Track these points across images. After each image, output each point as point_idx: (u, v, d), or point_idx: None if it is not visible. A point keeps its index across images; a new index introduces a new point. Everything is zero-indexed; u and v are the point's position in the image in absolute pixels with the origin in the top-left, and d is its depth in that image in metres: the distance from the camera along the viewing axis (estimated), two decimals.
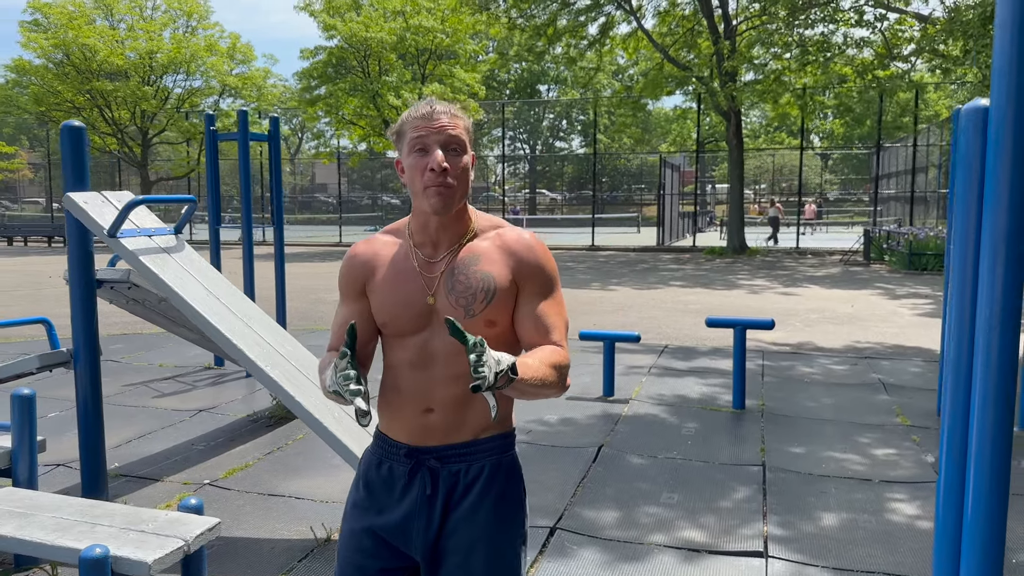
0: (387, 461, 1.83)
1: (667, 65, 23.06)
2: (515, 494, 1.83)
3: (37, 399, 6.09)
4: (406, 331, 1.76)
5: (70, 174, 3.88)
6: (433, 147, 1.68)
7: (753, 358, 7.88)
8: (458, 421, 1.76)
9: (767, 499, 4.23)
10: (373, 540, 1.81)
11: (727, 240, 23.63)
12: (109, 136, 27.16)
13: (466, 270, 1.73)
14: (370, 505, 1.83)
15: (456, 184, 1.70)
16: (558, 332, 1.76)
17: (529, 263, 1.76)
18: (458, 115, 1.74)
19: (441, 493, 1.78)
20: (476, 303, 1.71)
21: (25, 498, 3.22)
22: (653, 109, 58.57)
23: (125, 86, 25.26)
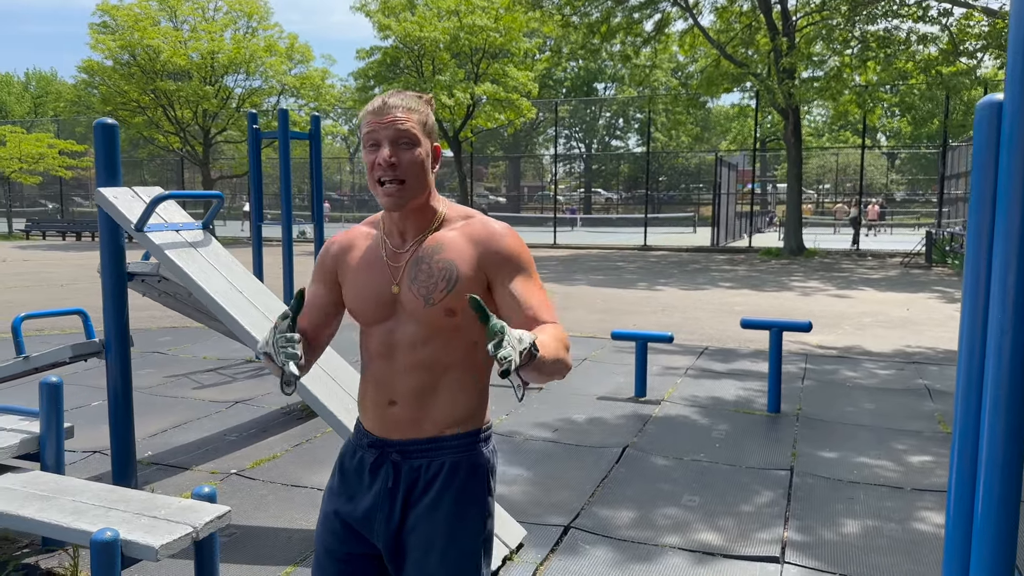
0: (360, 451, 1.86)
1: (724, 62, 22.71)
2: (476, 494, 1.80)
3: (82, 388, 6.33)
4: (372, 320, 1.78)
5: (102, 170, 4.00)
6: (383, 142, 1.69)
7: (796, 361, 7.71)
8: (420, 415, 1.76)
9: (791, 504, 4.14)
10: (342, 524, 1.84)
11: (784, 241, 23.17)
12: (172, 135, 27.97)
13: (429, 259, 1.73)
14: (342, 491, 1.86)
15: (408, 180, 1.70)
16: (547, 311, 1.71)
17: (495, 251, 1.74)
18: (412, 108, 1.73)
19: (402, 488, 1.78)
20: (436, 292, 1.70)
21: (50, 482, 3.34)
22: (713, 107, 57.87)
23: (188, 86, 25.97)
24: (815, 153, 53.68)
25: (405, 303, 1.74)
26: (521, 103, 23.55)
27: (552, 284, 14.98)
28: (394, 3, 23.54)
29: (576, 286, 14.68)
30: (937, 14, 17.53)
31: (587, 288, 14.35)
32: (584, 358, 7.80)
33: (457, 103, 22.58)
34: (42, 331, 8.93)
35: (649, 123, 31.78)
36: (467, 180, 26.38)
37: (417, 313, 1.73)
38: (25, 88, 57.18)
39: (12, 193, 38.32)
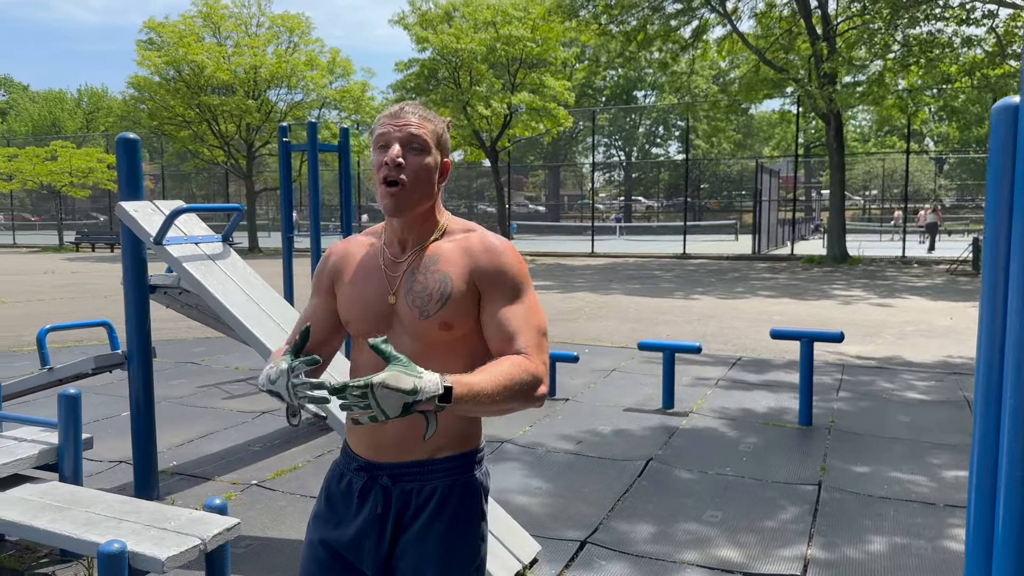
0: (347, 474, 1.79)
1: (763, 68, 22.44)
2: (469, 519, 1.75)
3: (114, 399, 6.43)
4: (366, 331, 1.72)
5: (124, 184, 4.07)
6: (393, 142, 1.67)
7: (831, 372, 7.54)
8: (412, 437, 1.70)
9: (817, 520, 4.02)
10: (328, 553, 1.77)
11: (827, 248, 22.75)
12: (217, 148, 28.51)
13: (426, 271, 1.70)
14: (329, 517, 1.80)
15: (410, 184, 1.67)
16: (524, 338, 1.65)
17: (488, 267, 1.69)
18: (428, 118, 1.72)
19: (392, 512, 1.73)
20: (431, 304, 1.66)
21: (66, 493, 3.38)
22: (755, 112, 57.22)
23: (231, 100, 26.47)
24: (861, 159, 52.70)
25: (401, 315, 1.70)
26: (558, 112, 23.51)
27: (585, 293, 14.90)
28: (431, 16, 23.72)
29: (610, 295, 14.57)
30: (982, 16, 17.09)
31: (621, 297, 14.23)
32: (612, 369, 7.72)
33: (494, 113, 22.64)
34: (82, 341, 9.13)
35: (688, 130, 31.45)
36: (504, 189, 26.40)
37: (413, 326, 1.68)
38: (78, 104, 58.87)
39: (64, 206, 39.42)
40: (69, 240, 34.42)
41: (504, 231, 25.82)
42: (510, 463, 4.92)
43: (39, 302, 13.71)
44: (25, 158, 33.14)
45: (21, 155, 33.74)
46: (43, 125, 54.97)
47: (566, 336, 9.78)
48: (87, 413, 5.97)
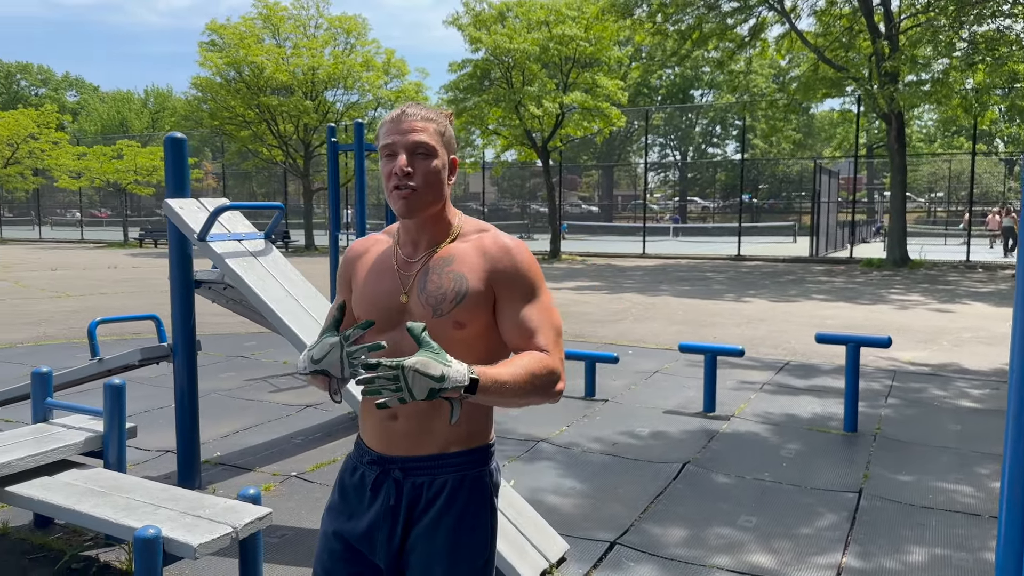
0: (360, 467, 1.83)
1: (822, 66, 21.97)
2: (478, 514, 1.77)
3: (167, 390, 6.62)
4: (378, 328, 1.76)
5: (171, 181, 4.19)
6: (399, 152, 1.69)
7: (881, 378, 7.36)
8: (423, 431, 1.73)
9: (854, 528, 3.94)
10: (342, 545, 1.81)
11: (887, 251, 22.19)
12: (275, 148, 29.10)
13: (440, 270, 1.72)
14: (343, 510, 1.83)
15: (421, 188, 1.70)
16: (544, 336, 1.71)
17: (505, 267, 1.73)
18: (430, 118, 1.73)
19: (404, 505, 1.76)
20: (445, 303, 1.70)
21: (109, 479, 3.50)
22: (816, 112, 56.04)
23: (289, 101, 26.99)
24: (926, 160, 51.23)
25: (414, 313, 1.73)
26: (610, 111, 23.38)
27: (633, 294, 14.80)
28: (485, 16, 23.81)
29: (659, 296, 14.45)
30: None
31: (670, 298, 14.10)
32: (655, 371, 7.66)
33: (546, 113, 22.62)
34: (139, 334, 9.43)
35: (744, 129, 30.97)
36: (555, 189, 26.37)
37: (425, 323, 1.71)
38: (144, 104, 60.72)
39: (129, 203, 40.68)
40: (133, 236, 35.54)
41: (555, 231, 25.80)
42: (545, 462, 4.93)
43: (101, 296, 14.19)
44: (93, 156, 34.34)
45: (90, 154, 34.96)
46: (112, 125, 56.83)
47: (611, 337, 9.74)
48: (139, 404, 6.19)
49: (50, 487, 3.38)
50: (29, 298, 13.72)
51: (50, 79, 73.46)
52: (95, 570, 3.40)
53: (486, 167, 30.95)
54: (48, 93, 70.25)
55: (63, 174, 36.20)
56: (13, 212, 59.78)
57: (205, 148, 53.18)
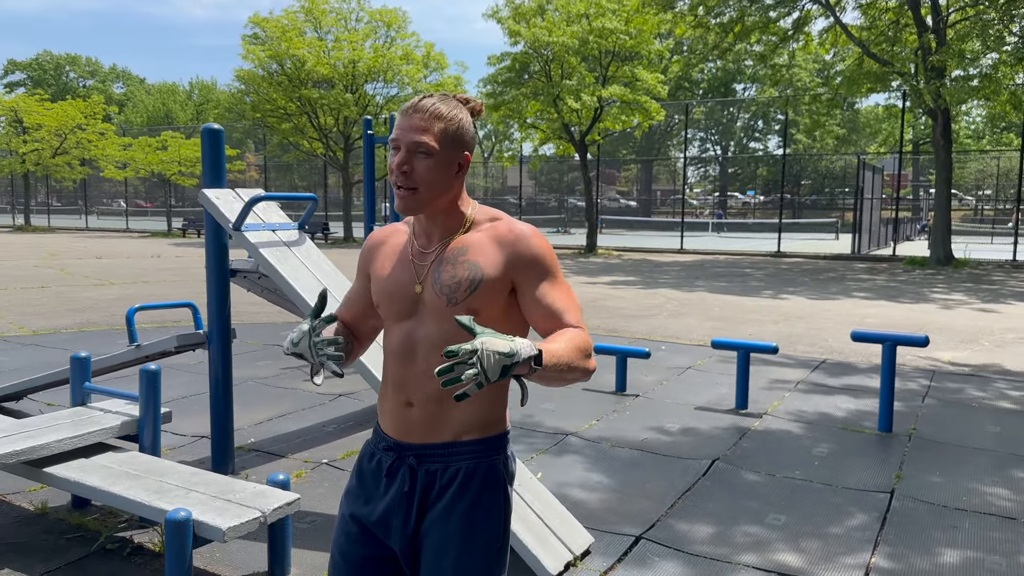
0: (378, 453, 1.87)
1: (867, 61, 21.56)
2: (491, 502, 1.79)
3: (200, 377, 6.75)
4: (393, 316, 1.81)
5: (208, 172, 4.27)
6: (402, 147, 1.71)
7: (919, 378, 7.23)
8: (437, 419, 1.76)
9: (884, 529, 3.88)
10: (359, 528, 1.85)
11: (931, 250, 21.73)
12: (316, 140, 29.39)
13: (454, 260, 1.75)
14: (360, 494, 1.87)
15: (421, 187, 1.71)
16: (571, 314, 1.74)
17: (522, 253, 1.75)
18: (440, 117, 1.72)
19: (418, 492, 1.79)
20: (459, 291, 1.72)
21: (144, 463, 3.59)
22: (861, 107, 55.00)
23: (330, 94, 27.24)
24: (973, 156, 50.03)
25: (428, 302, 1.75)
26: (650, 105, 23.20)
27: (669, 290, 14.70)
28: (524, 9, 23.75)
29: (695, 292, 14.34)
30: None
31: (706, 295, 13.98)
32: (688, 367, 7.61)
33: (584, 106, 22.52)
34: (179, 322, 9.61)
35: (786, 124, 30.53)
36: (592, 184, 26.26)
37: (439, 313, 1.74)
38: (189, 96, 61.74)
39: (173, 194, 41.43)
40: (176, 226, 36.19)
41: (591, 225, 25.70)
42: (573, 456, 4.94)
43: (144, 284, 14.50)
44: (138, 147, 35.01)
45: (135, 145, 35.66)
46: (157, 116, 57.90)
47: (644, 332, 9.69)
48: (176, 390, 6.32)
49: (87, 469, 3.47)
50: (74, 285, 14.06)
51: (98, 71, 75.07)
52: (129, 551, 3.48)
53: (524, 161, 30.94)
54: (95, 85, 71.81)
55: (109, 164, 37.00)
56: (61, 201, 61.29)
57: (248, 140, 53.97)
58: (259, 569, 3.36)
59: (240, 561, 3.43)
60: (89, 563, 3.38)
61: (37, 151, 37.33)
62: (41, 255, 21.51)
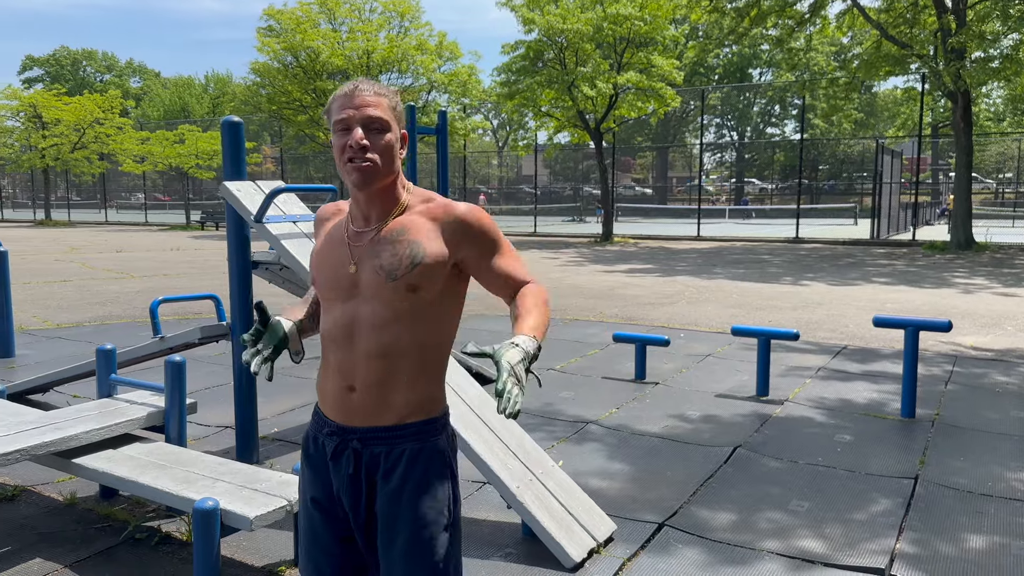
0: (320, 436, 1.89)
1: (885, 43, 21.31)
2: (438, 480, 1.84)
3: (224, 368, 6.81)
4: (329, 296, 1.83)
5: (228, 164, 4.29)
6: (354, 126, 1.73)
7: (942, 363, 7.18)
8: (380, 402, 1.79)
9: (909, 514, 3.87)
10: (319, 510, 1.89)
11: (951, 234, 21.51)
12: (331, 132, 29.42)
13: (393, 240, 1.78)
14: (312, 478, 1.91)
15: (378, 161, 1.74)
16: (524, 270, 1.90)
17: (465, 229, 1.80)
18: (382, 93, 1.77)
19: (363, 474, 1.83)
20: (400, 268, 1.75)
21: (170, 453, 3.63)
22: (879, 91, 54.38)
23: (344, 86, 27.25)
24: (994, 139, 49.41)
25: (365, 283, 1.78)
26: (665, 92, 23.06)
27: (687, 277, 14.65)
28: None
29: (713, 279, 14.28)
30: None
31: (724, 282, 13.92)
32: (707, 354, 7.59)
33: (599, 94, 22.41)
34: (200, 314, 9.69)
35: (803, 109, 30.25)
36: (608, 172, 26.15)
37: (379, 291, 1.76)
38: (205, 90, 61.96)
39: (191, 187, 41.65)
40: (195, 219, 36.42)
41: (608, 213, 25.62)
42: (593, 444, 4.95)
43: (164, 277, 14.61)
44: (156, 141, 35.21)
45: (152, 138, 35.87)
46: (174, 110, 58.17)
47: (663, 320, 9.67)
48: (199, 381, 6.38)
49: (114, 459, 3.52)
50: (96, 279, 14.19)
51: (114, 65, 75.50)
52: (157, 540, 3.53)
53: (538, 149, 30.86)
54: (112, 79, 72.25)
55: (127, 158, 37.23)
56: (81, 196, 61.82)
57: (264, 133, 54.10)
58: (285, 557, 3.39)
59: (267, 549, 3.47)
60: (118, 552, 3.43)
61: (56, 146, 37.65)
62: (62, 249, 21.72)
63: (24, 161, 39.60)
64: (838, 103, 25.71)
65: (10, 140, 42.45)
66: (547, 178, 59.13)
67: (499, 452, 3.53)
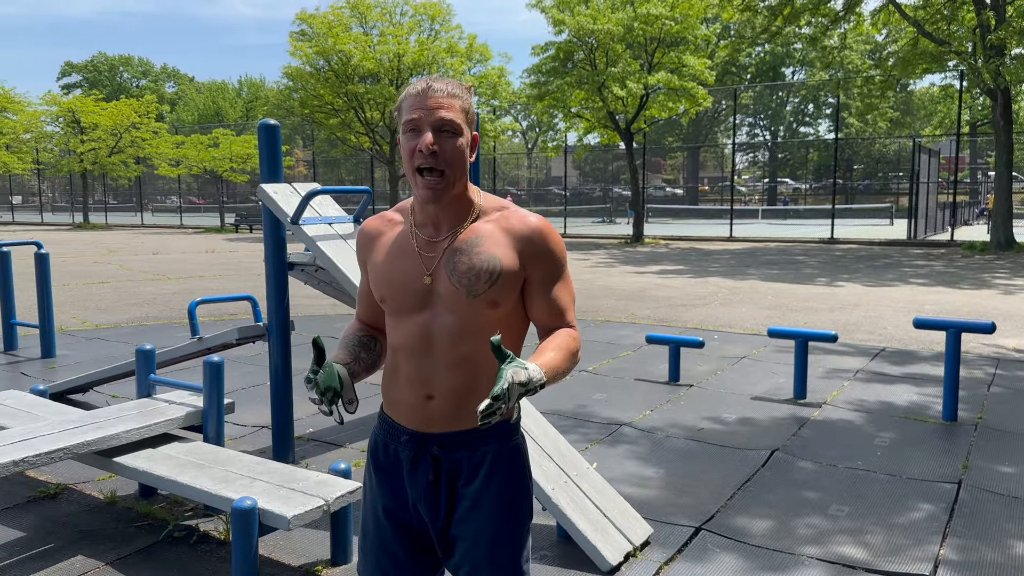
0: (392, 443, 1.83)
1: (922, 40, 20.96)
2: (519, 482, 1.81)
3: (260, 369, 6.87)
4: (403, 310, 1.76)
5: (265, 167, 4.32)
6: (425, 128, 1.64)
7: (984, 366, 7.03)
8: (459, 408, 1.74)
9: (953, 520, 3.79)
10: (390, 520, 1.84)
11: (991, 234, 21.09)
12: (363, 135, 29.65)
13: (469, 251, 1.71)
14: (382, 487, 1.85)
15: (447, 168, 1.66)
16: (569, 312, 1.80)
17: (537, 247, 1.73)
18: (456, 94, 1.68)
19: (444, 480, 1.78)
20: (479, 283, 1.69)
21: (209, 452, 3.67)
22: (915, 89, 53.52)
23: (375, 89, 27.43)
24: None
25: (443, 294, 1.71)
26: (697, 91, 22.89)
27: (720, 278, 14.51)
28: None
29: (746, 280, 14.13)
30: None
31: (758, 283, 13.77)
32: (742, 356, 7.51)
33: (630, 94, 22.31)
34: (236, 316, 9.79)
35: (838, 108, 29.86)
36: (638, 173, 26.02)
37: (457, 306, 1.70)
38: (238, 94, 62.69)
39: (225, 190, 42.19)
40: (229, 222, 36.86)
41: (639, 214, 25.49)
42: (627, 446, 4.91)
43: (199, 279, 14.80)
44: (190, 145, 35.70)
45: (187, 142, 36.37)
46: (208, 114, 58.93)
47: (696, 322, 9.59)
48: (237, 381, 6.44)
49: (153, 459, 3.56)
50: (133, 281, 14.42)
51: (150, 71, 76.72)
52: (195, 539, 3.56)
53: (568, 150, 30.80)
54: (148, 84, 73.41)
55: (163, 162, 37.81)
56: (117, 199, 62.85)
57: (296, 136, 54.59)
58: (322, 557, 3.41)
59: (303, 549, 3.49)
60: (157, 551, 3.47)
61: (94, 150, 38.31)
62: (100, 252, 22.11)
63: (63, 165, 40.35)
64: (873, 101, 25.36)
65: (50, 145, 43.33)
66: (577, 179, 58.99)
67: (533, 454, 3.51)
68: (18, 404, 4.31)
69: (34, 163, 44.12)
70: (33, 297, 8.07)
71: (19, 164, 41.82)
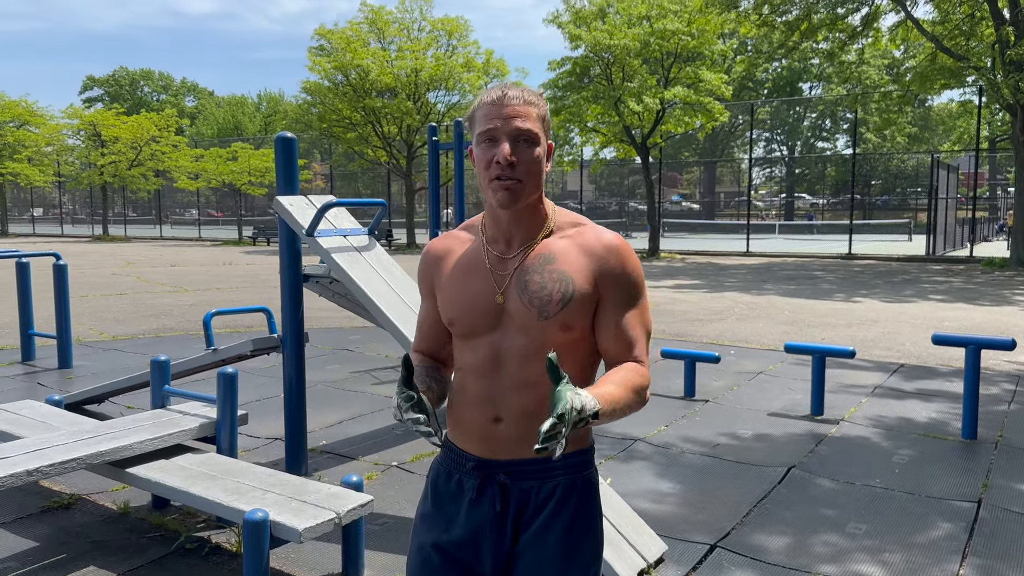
0: (456, 473, 1.73)
1: (941, 56, 20.85)
2: (589, 517, 1.70)
3: (274, 381, 6.88)
4: (473, 331, 1.67)
5: (281, 179, 4.34)
6: (502, 138, 1.57)
7: (1004, 383, 6.94)
8: (529, 433, 1.62)
9: (973, 539, 3.72)
10: (441, 556, 1.71)
11: (1011, 250, 20.87)
12: (380, 149, 29.82)
13: (541, 269, 1.62)
14: (438, 519, 1.74)
15: (525, 178, 1.59)
16: (640, 345, 1.65)
17: (613, 268, 1.63)
18: (532, 102, 1.60)
19: (511, 511, 1.68)
20: (551, 305, 1.59)
21: (221, 464, 3.66)
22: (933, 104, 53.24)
23: (393, 103, 27.60)
24: None
25: (514, 314, 1.63)
26: (713, 106, 22.88)
27: (736, 293, 14.43)
28: (585, 13, 23.68)
29: (763, 295, 14.04)
30: None
31: (775, 298, 13.68)
32: (759, 372, 7.45)
33: (646, 109, 22.32)
34: (252, 328, 9.83)
35: (855, 123, 29.75)
36: (654, 187, 25.99)
37: (529, 326, 1.62)
38: (257, 108, 63.35)
39: (243, 203, 42.49)
40: (247, 235, 37.11)
41: (654, 228, 25.44)
42: (641, 462, 4.87)
43: (216, 291, 14.89)
44: (209, 158, 36.04)
45: (206, 156, 36.73)
46: (227, 128, 59.53)
47: (712, 336, 9.53)
48: (250, 393, 6.45)
49: (166, 470, 3.56)
50: (150, 292, 14.52)
51: (170, 85, 77.61)
52: (207, 550, 3.56)
53: (584, 165, 30.83)
54: (168, 99, 74.24)
55: (182, 175, 38.19)
56: (137, 212, 63.54)
57: (314, 150, 55.06)
58: (333, 570, 3.39)
59: (315, 561, 3.47)
60: (169, 562, 3.46)
61: (114, 163, 38.75)
62: (119, 264, 22.30)
63: (83, 178, 40.83)
64: (891, 117, 25.28)
65: (71, 158, 43.87)
66: (592, 193, 59.00)
67: None
68: (33, 414, 4.34)
69: (55, 175, 44.69)
70: (51, 308, 8.13)
71: (40, 176, 42.34)
